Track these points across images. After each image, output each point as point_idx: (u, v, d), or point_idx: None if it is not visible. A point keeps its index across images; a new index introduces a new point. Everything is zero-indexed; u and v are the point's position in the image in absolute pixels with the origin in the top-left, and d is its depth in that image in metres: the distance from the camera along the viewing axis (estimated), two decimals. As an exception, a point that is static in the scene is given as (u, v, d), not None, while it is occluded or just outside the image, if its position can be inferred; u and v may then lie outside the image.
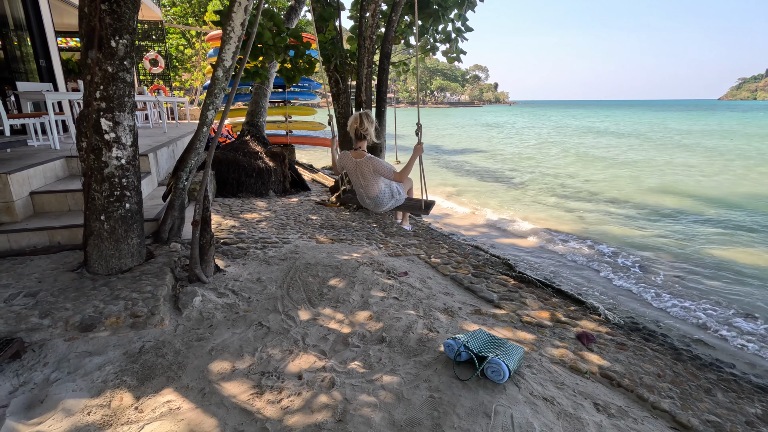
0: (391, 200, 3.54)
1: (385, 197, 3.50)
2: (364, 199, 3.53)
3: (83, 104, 3.04)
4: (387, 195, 3.50)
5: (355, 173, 3.42)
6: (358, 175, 3.40)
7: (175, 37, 22.40)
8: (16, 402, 2.02)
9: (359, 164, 3.34)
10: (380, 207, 3.52)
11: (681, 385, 2.66)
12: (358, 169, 3.38)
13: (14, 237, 3.64)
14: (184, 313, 2.85)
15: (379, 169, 3.31)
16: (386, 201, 3.51)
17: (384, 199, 3.50)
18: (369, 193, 3.47)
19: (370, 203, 3.52)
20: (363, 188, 3.47)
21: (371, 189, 3.44)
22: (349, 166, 3.44)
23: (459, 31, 7.27)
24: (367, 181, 3.39)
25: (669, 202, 9.74)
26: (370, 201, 3.51)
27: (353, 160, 3.37)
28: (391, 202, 3.54)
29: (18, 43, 7.40)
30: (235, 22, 3.40)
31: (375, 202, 3.51)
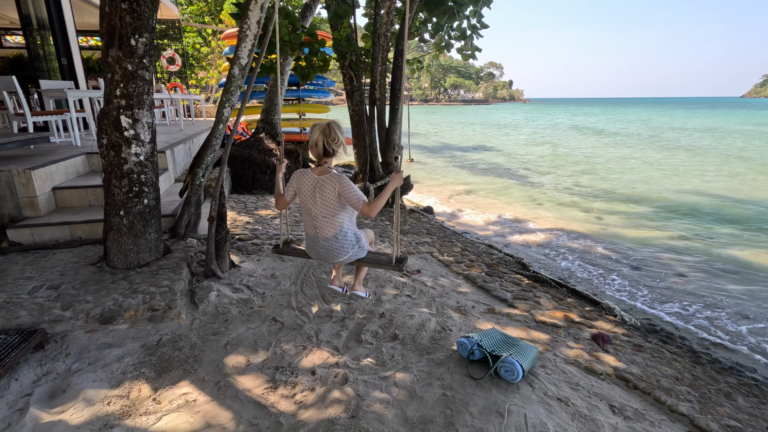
0: (354, 248, 2.60)
1: (346, 241, 2.56)
2: (317, 241, 2.58)
3: (104, 102, 3.11)
4: (349, 239, 2.57)
5: (312, 197, 2.49)
6: (316, 200, 2.48)
7: (191, 35, 22.71)
8: (40, 391, 2.08)
9: (321, 182, 2.45)
10: (338, 254, 2.58)
11: (700, 389, 2.61)
12: (318, 190, 2.46)
13: (37, 231, 3.74)
14: (200, 307, 2.89)
15: (347, 194, 2.40)
16: (347, 247, 2.58)
17: (345, 244, 2.57)
18: (325, 232, 2.53)
19: (325, 247, 2.57)
20: (318, 221, 2.53)
21: (329, 225, 2.51)
22: (305, 187, 2.51)
23: (474, 28, 7.21)
24: (327, 209, 2.47)
25: (688, 202, 9.52)
26: (324, 243, 2.56)
27: (313, 177, 2.48)
28: (353, 250, 2.61)
29: (41, 42, 7.58)
30: (251, 20, 3.43)
31: (331, 246, 2.56)
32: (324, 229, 2.54)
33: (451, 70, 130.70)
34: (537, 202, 9.75)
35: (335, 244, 2.55)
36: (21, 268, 3.20)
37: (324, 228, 2.53)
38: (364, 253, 2.68)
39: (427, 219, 6.91)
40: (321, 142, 2.45)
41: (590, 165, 15.11)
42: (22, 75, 7.34)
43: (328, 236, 2.54)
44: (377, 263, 2.59)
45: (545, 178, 12.69)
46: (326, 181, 2.44)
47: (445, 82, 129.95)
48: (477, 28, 7.23)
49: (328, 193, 2.44)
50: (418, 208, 7.79)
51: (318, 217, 2.51)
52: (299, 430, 1.88)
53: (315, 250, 2.63)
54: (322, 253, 2.60)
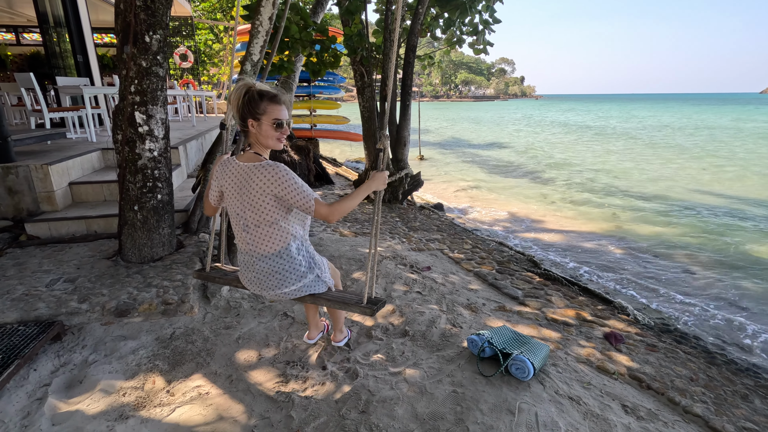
0: (304, 276, 1.84)
1: (293, 262, 1.80)
2: (253, 259, 1.81)
3: (119, 98, 3.15)
4: (298, 260, 1.81)
5: (239, 196, 1.72)
6: (244, 199, 1.71)
7: (203, 32, 22.88)
8: (57, 381, 2.13)
9: (247, 175, 1.68)
10: (280, 282, 1.81)
11: (715, 390, 2.56)
12: (244, 186, 1.69)
13: (54, 225, 3.82)
14: (213, 301, 2.93)
15: (287, 195, 1.63)
16: (295, 272, 1.81)
17: (291, 267, 1.80)
18: (261, 247, 1.76)
19: (261, 270, 1.80)
20: (250, 232, 1.76)
21: (267, 237, 1.74)
22: (228, 183, 1.75)
23: (486, 23, 7.14)
24: (261, 213, 1.69)
25: (705, 201, 9.34)
26: (262, 263, 1.79)
27: (238, 166, 1.72)
28: (304, 280, 1.84)
29: (57, 39, 7.71)
30: (263, 16, 3.44)
31: (271, 267, 1.78)
32: (261, 243, 1.75)
33: (462, 66, 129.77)
34: (549, 199, 9.65)
35: (277, 264, 1.76)
36: (39, 261, 3.27)
37: (261, 241, 1.74)
38: (322, 287, 1.91)
39: (437, 216, 6.89)
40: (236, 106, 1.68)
41: (603, 163, 14.90)
42: (39, 72, 7.47)
43: (267, 253, 1.75)
44: (340, 302, 1.88)
45: (557, 175, 12.56)
46: (253, 172, 1.65)
47: (456, 78, 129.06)
48: (489, 23, 7.16)
49: (256, 190, 1.65)
50: (428, 205, 7.77)
51: (251, 226, 1.73)
52: (310, 424, 1.90)
53: (250, 273, 1.83)
54: (260, 278, 1.80)
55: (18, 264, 3.22)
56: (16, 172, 3.86)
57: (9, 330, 2.33)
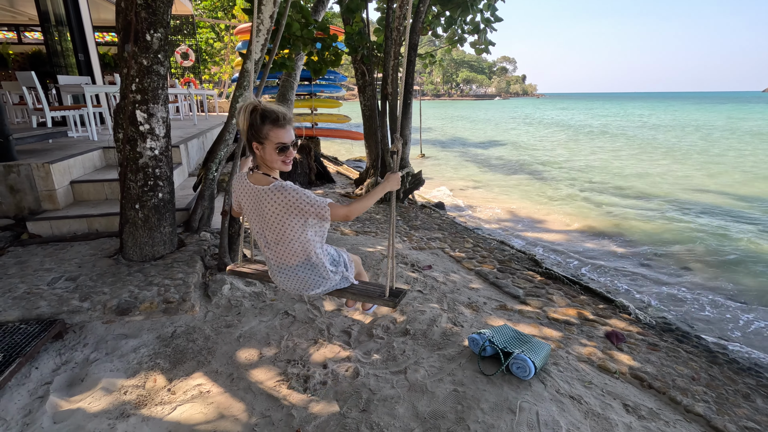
0: (330, 278, 1.91)
1: (317, 270, 1.86)
2: (277, 270, 1.90)
3: (120, 96, 3.15)
4: (322, 266, 1.87)
5: (257, 216, 1.78)
6: (261, 219, 1.77)
7: (204, 31, 22.87)
8: (59, 379, 2.13)
9: (259, 198, 1.73)
10: (307, 287, 1.90)
11: (717, 389, 2.56)
12: (259, 207, 1.75)
13: (56, 224, 3.82)
14: (214, 300, 2.93)
15: (301, 209, 1.67)
16: (320, 277, 1.88)
17: (316, 273, 1.87)
18: (285, 259, 1.84)
19: (289, 278, 1.88)
20: (272, 248, 1.83)
21: (288, 251, 1.80)
22: (245, 201, 1.81)
23: (488, 22, 7.12)
24: (280, 232, 1.75)
25: (705, 199, 9.31)
26: (288, 273, 1.87)
27: (250, 187, 1.76)
28: (329, 282, 1.92)
29: (59, 38, 7.71)
30: (264, 15, 3.43)
31: (297, 276, 1.86)
32: (284, 257, 1.83)
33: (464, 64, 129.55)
34: (550, 198, 9.64)
35: (302, 273, 1.85)
36: (41, 260, 3.28)
37: (283, 256, 1.82)
38: (346, 284, 2.00)
39: (438, 214, 6.88)
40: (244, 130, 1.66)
41: (604, 162, 14.87)
42: (41, 71, 7.48)
43: (291, 265, 1.84)
44: (365, 296, 1.99)
45: (558, 173, 12.53)
46: (265, 196, 1.70)
47: (458, 77, 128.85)
48: (491, 22, 7.14)
49: (271, 211, 1.70)
50: (429, 204, 7.76)
51: (271, 243, 1.81)
52: (311, 422, 1.90)
53: (278, 278, 1.92)
54: (287, 283, 1.90)
55: (20, 262, 3.22)
56: (18, 170, 3.87)
57: (11, 328, 2.33)
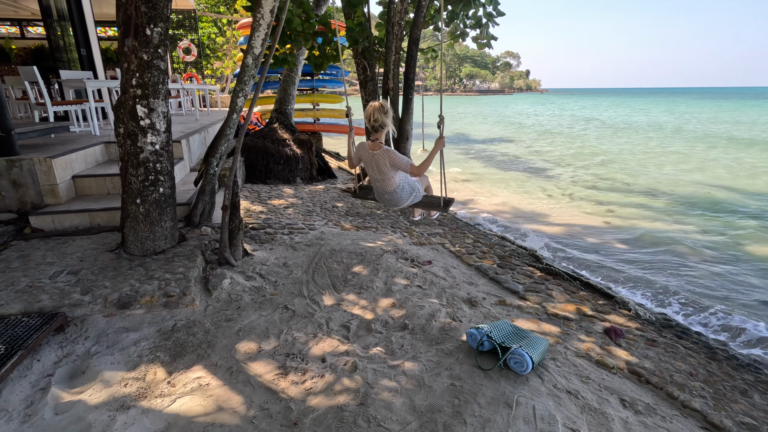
0: (410, 196, 3.23)
1: (403, 193, 3.19)
2: (382, 194, 3.22)
3: (121, 91, 3.16)
4: (406, 191, 3.18)
5: (371, 166, 3.10)
6: (374, 168, 3.08)
7: (207, 25, 22.81)
8: (61, 372, 2.16)
9: (375, 156, 3.02)
10: (398, 203, 3.21)
11: (714, 385, 2.56)
12: (374, 162, 3.05)
13: (58, 218, 3.85)
14: (214, 294, 2.95)
15: (396, 163, 2.99)
16: (405, 197, 3.20)
17: (403, 195, 3.19)
18: (386, 188, 3.15)
19: (388, 198, 3.21)
20: (380, 182, 3.14)
21: (388, 183, 3.12)
22: (365, 158, 3.11)
23: (490, 16, 7.07)
24: (384, 174, 3.06)
25: (707, 195, 9.27)
26: (387, 196, 3.19)
27: (369, 152, 3.05)
28: (410, 198, 3.23)
29: (61, 33, 7.72)
30: (264, 9, 3.42)
31: (392, 198, 3.19)
32: (385, 185, 3.13)
33: (467, 59, 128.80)
34: (551, 194, 9.61)
35: (395, 196, 3.17)
36: (43, 254, 3.30)
37: (385, 184, 3.12)
38: (419, 199, 3.31)
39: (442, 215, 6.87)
40: (369, 120, 2.96)
41: (606, 158, 14.80)
42: (43, 65, 7.50)
43: (389, 190, 3.14)
44: (429, 206, 3.31)
45: (560, 170, 12.49)
46: (379, 156, 3.00)
47: (461, 72, 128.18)
48: (493, 16, 7.09)
49: (381, 164, 3.01)
50: (430, 199, 7.74)
51: (378, 180, 3.12)
52: (309, 415, 1.92)
53: (382, 198, 3.26)
54: (387, 201, 3.23)
55: (22, 256, 3.25)
56: (20, 165, 3.89)
57: (13, 321, 2.36)
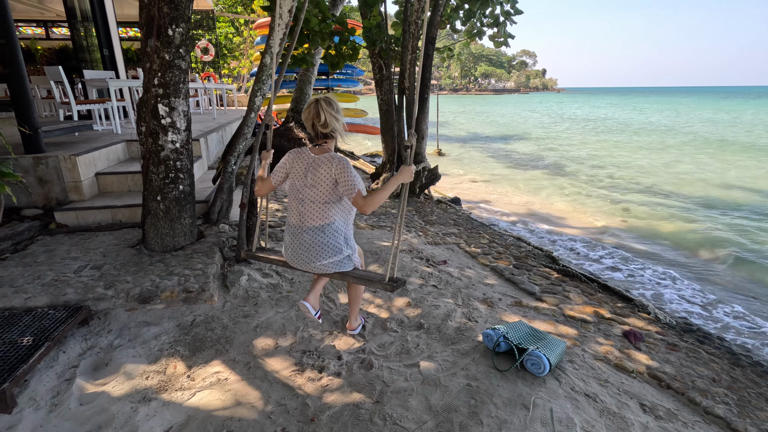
0: (340, 252, 2.16)
1: (333, 238, 2.15)
2: (301, 231, 2.15)
3: (143, 90, 3.22)
4: (338, 238, 2.17)
5: (304, 177, 2.14)
6: (308, 180, 2.12)
7: (224, 25, 23.13)
8: (85, 363, 2.22)
9: (316, 162, 2.12)
10: (320, 254, 2.13)
11: (739, 392, 2.50)
12: (311, 171, 2.12)
13: (82, 214, 3.95)
14: (232, 290, 2.99)
15: (344, 179, 2.05)
16: (333, 247, 2.15)
17: (331, 241, 2.14)
18: (310, 220, 2.12)
19: (306, 242, 2.13)
20: (305, 206, 2.13)
21: (317, 212, 2.11)
22: (298, 167, 2.18)
23: (508, 15, 7.01)
24: (318, 193, 2.09)
25: (732, 197, 9.01)
26: (308, 235, 2.13)
27: (310, 156, 2.16)
28: (338, 255, 2.16)
29: (85, 33, 7.91)
30: (283, 9, 3.45)
31: (315, 239, 2.12)
32: (311, 217, 2.13)
33: (483, 58, 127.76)
34: (568, 194, 9.48)
35: (320, 237, 2.12)
36: (67, 249, 3.39)
37: (311, 215, 2.13)
38: (349, 266, 2.22)
39: (454, 210, 6.85)
40: (309, 122, 2.13)
41: (621, 158, 14.52)
42: (67, 65, 7.68)
43: (315, 226, 2.12)
44: (366, 280, 2.14)
45: (576, 169, 12.30)
46: (323, 161, 2.11)
47: (476, 71, 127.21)
48: (510, 14, 7.02)
49: (322, 175, 2.09)
50: (445, 199, 7.72)
51: (306, 201, 2.13)
52: (325, 412, 1.93)
53: (295, 246, 2.17)
54: (303, 249, 2.14)
55: (48, 251, 3.35)
56: (46, 162, 4.01)
57: (40, 313, 2.43)
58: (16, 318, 2.37)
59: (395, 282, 2.12)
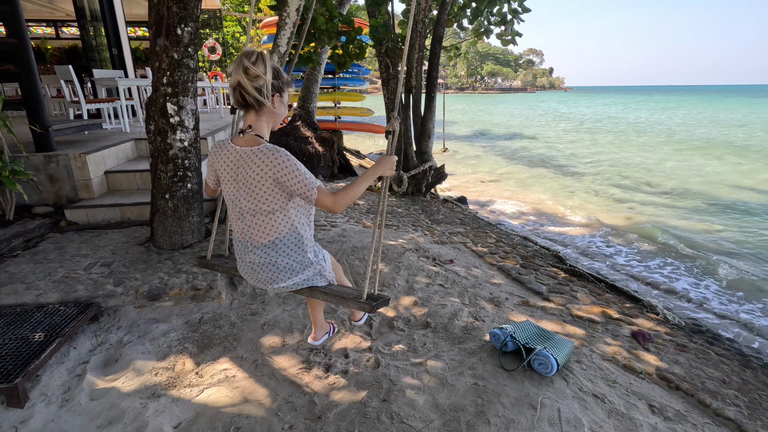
0: (304, 268, 1.69)
1: (290, 253, 1.65)
2: (247, 248, 1.68)
3: (152, 89, 3.25)
4: (296, 251, 1.66)
5: (234, 181, 1.59)
6: (240, 184, 1.58)
7: (231, 24, 23.23)
8: (95, 359, 2.24)
9: (244, 159, 1.54)
10: (276, 275, 1.66)
11: (749, 394, 2.47)
12: (241, 171, 1.55)
13: (91, 212, 3.99)
14: (239, 288, 3.01)
15: (290, 180, 1.49)
16: (292, 264, 1.66)
17: (288, 257, 1.65)
18: (256, 236, 1.62)
19: (256, 262, 1.66)
20: (246, 219, 1.62)
21: (262, 225, 1.60)
22: (223, 166, 1.61)
23: (515, 13, 6.97)
24: (258, 200, 1.55)
25: (737, 195, 8.90)
26: (256, 254, 1.65)
27: (234, 150, 1.57)
28: (303, 273, 1.69)
29: (94, 33, 7.99)
30: (290, 8, 3.47)
31: (265, 259, 1.64)
32: (255, 233, 1.61)
33: (489, 57, 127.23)
34: (574, 193, 9.42)
35: (273, 256, 1.62)
36: (77, 246, 3.43)
37: (255, 231, 1.61)
38: (322, 281, 1.76)
39: (460, 209, 6.83)
40: (234, 84, 1.48)
41: (629, 157, 14.40)
42: (77, 64, 7.76)
43: (262, 243, 1.62)
44: (338, 297, 1.69)
45: (583, 168, 12.22)
46: (251, 158, 1.51)
47: (482, 70, 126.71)
48: (518, 13, 6.98)
49: (255, 177, 1.51)
50: (451, 198, 7.71)
51: (246, 213, 1.60)
52: (332, 410, 1.94)
53: (244, 263, 1.71)
54: (253, 269, 1.67)
55: (58, 248, 3.39)
56: (57, 160, 4.05)
57: (51, 310, 2.46)
58: (27, 314, 2.40)
59: (375, 300, 1.67)
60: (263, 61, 1.46)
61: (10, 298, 2.63)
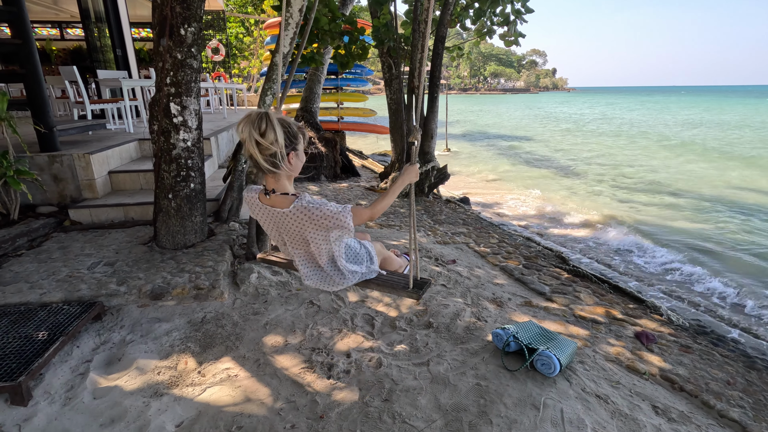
0: (354, 272, 1.88)
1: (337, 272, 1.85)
2: (305, 271, 1.87)
3: (155, 89, 3.26)
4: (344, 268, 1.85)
5: (278, 235, 1.79)
6: (284, 237, 1.77)
7: (234, 25, 23.31)
8: (98, 358, 2.25)
9: (280, 220, 1.68)
10: (333, 283, 1.87)
11: (754, 395, 2.45)
12: (282, 230, 1.72)
13: (95, 211, 4.01)
14: (242, 288, 3.01)
15: (324, 224, 1.61)
16: (344, 273, 1.85)
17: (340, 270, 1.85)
18: (306, 264, 1.86)
19: (314, 277, 1.87)
20: (299, 260, 1.85)
21: (312, 258, 1.84)
22: (262, 220, 1.77)
23: (519, 13, 6.96)
24: (303, 245, 1.77)
25: (742, 197, 8.85)
26: (313, 273, 1.87)
27: (266, 210, 1.70)
28: (353, 276, 1.88)
29: (98, 34, 8.02)
30: (293, 8, 3.47)
31: (322, 275, 1.87)
32: (307, 262, 1.85)
33: (492, 57, 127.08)
34: (577, 193, 9.39)
35: (325, 273, 1.86)
36: (81, 246, 3.45)
37: (307, 260, 1.85)
38: (371, 275, 1.96)
39: (463, 209, 6.82)
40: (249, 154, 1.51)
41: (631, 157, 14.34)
42: (81, 65, 7.80)
43: (320, 265, 1.84)
44: (389, 287, 1.95)
45: (585, 168, 12.18)
46: (288, 218, 1.64)
47: (485, 71, 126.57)
48: (521, 13, 6.98)
49: (296, 234, 1.69)
50: (454, 199, 7.70)
51: (298, 256, 1.83)
52: (334, 409, 1.94)
53: (304, 271, 1.88)
54: (317, 278, 1.88)
55: (62, 247, 3.40)
56: (61, 160, 4.07)
57: (55, 308, 2.47)
58: (31, 313, 2.42)
59: (420, 287, 1.91)
60: (272, 128, 1.47)
61: (15, 296, 2.64)
